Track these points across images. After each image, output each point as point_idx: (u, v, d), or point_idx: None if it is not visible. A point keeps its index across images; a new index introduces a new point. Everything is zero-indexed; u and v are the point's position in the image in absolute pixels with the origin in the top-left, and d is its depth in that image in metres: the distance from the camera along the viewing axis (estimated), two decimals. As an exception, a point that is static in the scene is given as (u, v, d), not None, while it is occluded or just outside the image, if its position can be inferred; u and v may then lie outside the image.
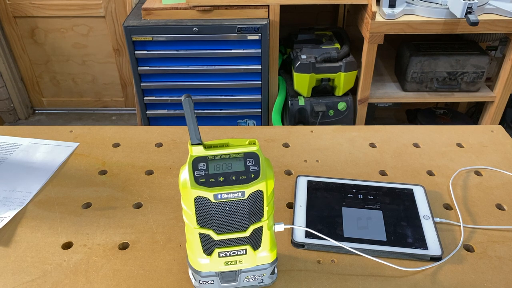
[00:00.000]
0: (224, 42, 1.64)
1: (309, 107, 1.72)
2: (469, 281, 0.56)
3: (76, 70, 2.41)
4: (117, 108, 2.55)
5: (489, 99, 1.74)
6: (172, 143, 0.83)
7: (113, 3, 2.17)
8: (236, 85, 1.74)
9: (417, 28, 1.52)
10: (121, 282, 0.56)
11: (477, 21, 1.41)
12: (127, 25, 1.59)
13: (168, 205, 0.68)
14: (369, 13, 1.52)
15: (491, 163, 0.77)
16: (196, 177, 0.45)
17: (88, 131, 0.87)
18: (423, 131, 0.86)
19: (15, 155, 0.80)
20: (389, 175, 0.75)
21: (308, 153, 0.80)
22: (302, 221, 0.64)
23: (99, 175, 0.75)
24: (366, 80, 1.68)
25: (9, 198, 0.70)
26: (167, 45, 1.64)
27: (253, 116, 1.84)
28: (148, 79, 1.73)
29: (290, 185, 0.72)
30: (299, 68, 1.66)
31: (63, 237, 0.63)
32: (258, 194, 0.46)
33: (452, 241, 0.62)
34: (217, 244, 0.48)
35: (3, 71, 2.32)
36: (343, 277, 0.56)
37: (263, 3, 1.59)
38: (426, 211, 0.66)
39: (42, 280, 0.56)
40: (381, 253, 0.59)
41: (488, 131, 0.87)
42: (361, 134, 0.86)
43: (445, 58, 1.66)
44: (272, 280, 0.55)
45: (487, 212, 0.67)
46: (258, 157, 0.46)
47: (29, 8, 2.18)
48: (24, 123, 2.49)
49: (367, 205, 0.66)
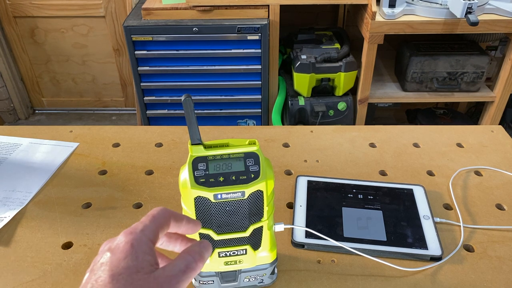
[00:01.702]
0: (224, 42, 1.64)
1: (309, 107, 1.72)
2: (469, 281, 0.56)
3: (76, 70, 2.41)
4: (117, 108, 2.55)
5: (489, 99, 1.74)
6: (172, 143, 0.83)
7: (113, 3, 2.16)
8: (236, 85, 1.74)
9: (417, 28, 1.52)
10: (121, 282, 0.56)
11: (477, 21, 1.41)
12: (127, 25, 1.59)
13: (168, 205, 0.68)
14: (369, 13, 1.52)
15: (491, 163, 0.77)
16: (196, 177, 0.45)
17: (88, 131, 0.87)
18: (423, 131, 0.86)
19: (15, 155, 0.80)
20: (389, 175, 0.75)
21: (308, 153, 0.80)
22: (302, 221, 0.64)
23: (99, 175, 0.75)
24: (366, 80, 1.68)
25: (9, 198, 0.70)
26: (167, 45, 1.64)
27: (253, 116, 1.84)
28: (148, 79, 1.73)
29: (290, 185, 0.72)
30: (299, 68, 1.66)
31: (63, 237, 0.63)
32: (258, 194, 0.46)
33: (452, 241, 0.62)
34: (217, 244, 0.48)
35: (3, 71, 2.32)
36: (343, 277, 0.56)
37: (263, 3, 1.59)
38: (426, 211, 0.66)
39: (42, 280, 0.56)
40: (381, 253, 0.59)
41: (488, 131, 0.87)
42: (361, 134, 0.86)
43: (445, 58, 1.66)
44: (272, 280, 0.55)
45: (487, 212, 0.67)
46: (258, 157, 0.46)
47: (29, 8, 2.18)
48: (24, 123, 2.49)
49: (367, 205, 0.66)
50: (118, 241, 0.34)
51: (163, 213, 0.38)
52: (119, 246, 0.33)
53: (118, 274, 0.31)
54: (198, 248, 0.37)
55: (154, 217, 0.37)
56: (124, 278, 0.30)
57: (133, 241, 0.33)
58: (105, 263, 0.32)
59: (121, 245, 0.33)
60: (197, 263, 0.35)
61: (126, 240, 0.33)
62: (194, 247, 0.38)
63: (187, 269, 0.34)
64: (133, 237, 0.33)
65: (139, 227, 0.35)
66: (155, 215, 0.37)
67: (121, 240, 0.34)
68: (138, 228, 0.35)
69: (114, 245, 0.33)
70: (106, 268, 0.31)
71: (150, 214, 0.37)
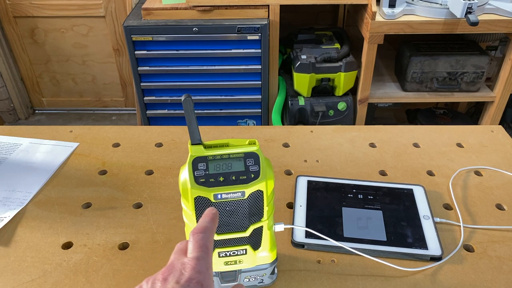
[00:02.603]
0: (224, 42, 1.63)
1: (309, 107, 1.72)
2: (469, 281, 0.56)
3: (76, 70, 2.41)
4: (117, 108, 2.55)
5: (489, 99, 1.74)
6: (172, 143, 0.83)
7: (113, 3, 2.16)
8: (236, 85, 1.74)
9: (417, 28, 1.52)
10: (121, 282, 0.56)
11: (477, 21, 1.41)
12: (127, 25, 1.59)
13: (168, 205, 0.68)
14: (369, 13, 1.52)
15: (491, 163, 0.77)
16: (196, 177, 0.45)
17: (88, 131, 0.87)
18: (423, 131, 0.86)
19: (15, 155, 0.80)
20: (389, 175, 0.75)
21: (308, 153, 0.80)
22: (302, 221, 0.64)
23: (99, 175, 0.75)
24: (366, 80, 1.68)
25: (9, 198, 0.70)
26: (167, 45, 1.64)
27: (253, 116, 1.84)
28: (148, 79, 1.73)
29: (290, 185, 0.72)
30: (299, 68, 1.66)
31: (63, 237, 0.63)
32: (258, 194, 0.46)
33: (452, 241, 0.62)
34: (217, 244, 0.48)
35: (3, 71, 2.32)
36: (343, 277, 0.56)
37: (263, 3, 1.59)
38: (426, 211, 0.66)
39: (42, 280, 0.56)
40: (381, 253, 0.59)
41: (488, 131, 0.87)
42: (361, 134, 0.86)
43: (445, 58, 1.66)
44: (272, 280, 0.55)
45: (487, 212, 0.67)
46: (258, 157, 0.46)
47: (29, 8, 2.18)
48: (24, 123, 2.49)
49: (367, 205, 0.66)
50: (186, 277, 0.35)
51: (212, 233, 0.39)
52: (190, 284, 0.35)
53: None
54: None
55: (208, 249, 0.38)
56: None
57: (203, 281, 0.35)
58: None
59: (192, 283, 0.35)
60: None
61: (197, 280, 0.35)
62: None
63: None
64: (202, 277, 0.35)
65: (204, 265, 0.36)
66: (208, 245, 0.38)
67: (191, 277, 0.35)
68: (204, 267, 0.36)
69: (184, 280, 0.35)
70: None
71: (203, 244, 0.38)
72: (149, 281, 0.36)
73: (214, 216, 0.41)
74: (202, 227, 0.39)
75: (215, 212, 0.41)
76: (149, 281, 0.36)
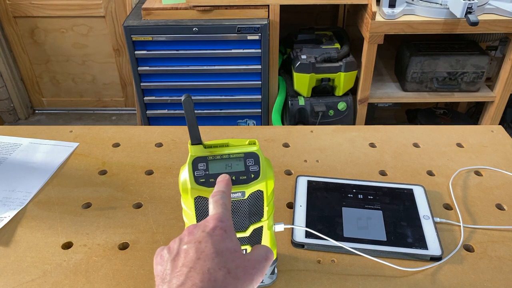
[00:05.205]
0: (224, 42, 1.63)
1: (309, 107, 1.72)
2: (469, 281, 0.56)
3: (76, 70, 2.41)
4: (117, 108, 2.55)
5: (489, 99, 1.74)
6: (172, 143, 0.83)
7: (113, 3, 2.16)
8: (236, 85, 1.74)
9: (417, 28, 1.52)
10: (121, 282, 0.56)
11: (477, 21, 1.41)
12: (127, 25, 1.59)
13: (168, 205, 0.68)
14: (369, 13, 1.52)
15: (491, 163, 0.77)
16: (196, 177, 0.45)
17: (88, 131, 0.87)
18: (423, 131, 0.86)
19: (15, 155, 0.80)
20: (389, 175, 0.75)
21: (308, 153, 0.80)
22: (302, 221, 0.64)
23: (99, 175, 0.75)
24: (366, 80, 1.68)
25: (9, 198, 0.70)
26: (167, 45, 1.64)
27: (253, 116, 1.84)
28: (148, 79, 1.73)
29: (290, 185, 0.72)
30: (299, 68, 1.66)
31: (63, 237, 0.63)
32: (258, 194, 0.46)
33: (452, 241, 0.62)
34: (217, 244, 0.48)
35: (3, 71, 2.32)
36: (343, 277, 0.56)
37: (263, 3, 1.59)
38: (426, 211, 0.66)
39: (42, 280, 0.56)
40: (381, 253, 0.59)
41: (488, 131, 0.87)
42: (361, 134, 0.86)
43: (445, 58, 1.66)
44: (272, 280, 0.55)
45: (487, 212, 0.67)
46: (258, 157, 0.46)
47: (29, 8, 2.18)
48: (24, 123, 2.49)
49: (367, 205, 0.66)
50: (211, 226, 0.38)
51: (229, 195, 0.43)
52: (215, 231, 0.38)
53: (221, 251, 0.36)
54: (266, 246, 0.42)
55: (227, 205, 0.41)
56: (227, 254, 0.36)
57: (226, 228, 0.38)
58: (205, 241, 0.37)
59: (217, 230, 0.38)
60: (272, 255, 0.40)
61: (220, 226, 0.38)
62: (262, 246, 0.42)
63: (267, 258, 0.39)
64: (224, 224, 0.39)
65: (225, 216, 0.40)
66: (226, 203, 0.41)
67: (216, 225, 0.38)
68: (225, 217, 0.40)
69: (209, 229, 0.38)
70: (208, 246, 0.36)
71: (222, 202, 0.41)
72: (176, 240, 0.39)
73: (228, 181, 0.43)
74: (218, 191, 0.42)
75: (228, 178, 0.44)
76: (176, 240, 0.39)
